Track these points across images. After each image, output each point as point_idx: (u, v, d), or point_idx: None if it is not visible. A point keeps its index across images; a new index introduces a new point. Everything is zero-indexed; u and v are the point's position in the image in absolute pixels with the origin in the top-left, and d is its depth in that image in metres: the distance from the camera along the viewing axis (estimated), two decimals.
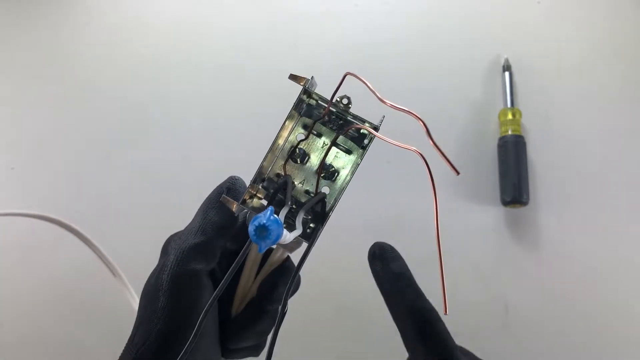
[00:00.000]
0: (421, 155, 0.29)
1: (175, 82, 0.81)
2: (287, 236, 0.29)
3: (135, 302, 0.59)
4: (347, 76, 0.32)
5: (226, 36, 0.83)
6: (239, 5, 0.84)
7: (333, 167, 0.36)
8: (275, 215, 0.27)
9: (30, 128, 0.80)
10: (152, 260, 0.38)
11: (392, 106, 0.31)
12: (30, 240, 0.74)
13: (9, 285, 0.73)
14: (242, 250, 0.32)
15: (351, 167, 0.36)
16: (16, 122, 0.81)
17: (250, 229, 0.26)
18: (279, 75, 0.81)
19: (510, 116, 0.73)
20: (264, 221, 0.26)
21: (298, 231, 0.32)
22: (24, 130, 0.80)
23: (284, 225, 0.33)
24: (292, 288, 0.36)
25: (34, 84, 0.83)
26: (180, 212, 0.41)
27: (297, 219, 0.33)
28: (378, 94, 0.31)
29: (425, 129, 0.29)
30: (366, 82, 0.30)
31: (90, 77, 0.82)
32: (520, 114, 0.74)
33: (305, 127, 0.35)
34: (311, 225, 0.35)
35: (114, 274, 0.60)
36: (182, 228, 0.38)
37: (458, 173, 0.29)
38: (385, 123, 0.34)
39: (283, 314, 0.32)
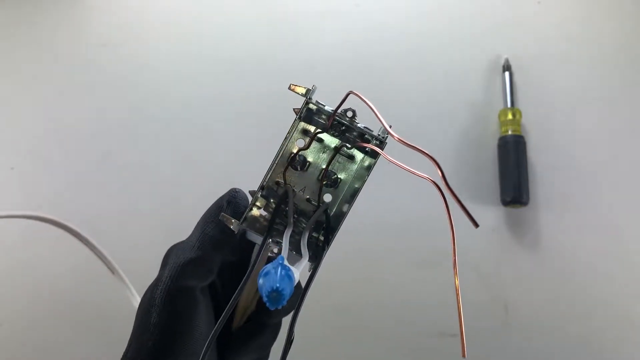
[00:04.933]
0: (436, 184, 0.28)
1: (175, 82, 0.81)
2: (296, 274, 0.28)
3: (136, 302, 0.59)
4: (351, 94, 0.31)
5: (226, 35, 0.83)
6: (239, 4, 0.84)
7: (335, 174, 0.35)
8: (286, 266, 0.27)
9: (30, 128, 0.80)
10: (152, 261, 0.38)
11: (400, 140, 0.29)
12: (29, 240, 0.74)
13: (8, 286, 0.73)
14: (243, 280, 0.32)
15: (356, 177, 0.35)
16: (16, 122, 0.81)
17: (263, 293, 0.26)
18: (279, 74, 0.81)
19: (510, 116, 0.73)
20: (277, 285, 0.25)
21: (304, 259, 0.32)
22: (24, 130, 0.80)
23: (289, 248, 0.32)
24: (289, 307, 0.36)
25: (34, 84, 0.82)
26: (180, 213, 0.41)
27: (301, 241, 0.32)
28: (385, 123, 0.30)
29: (440, 172, 0.27)
30: (371, 105, 0.29)
31: (90, 76, 0.82)
32: (520, 114, 0.74)
33: (304, 132, 0.34)
34: (314, 234, 0.35)
35: (113, 272, 0.60)
36: (181, 229, 0.38)
37: (477, 225, 0.27)
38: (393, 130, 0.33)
39: (290, 341, 0.32)
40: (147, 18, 0.85)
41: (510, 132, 0.73)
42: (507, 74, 0.76)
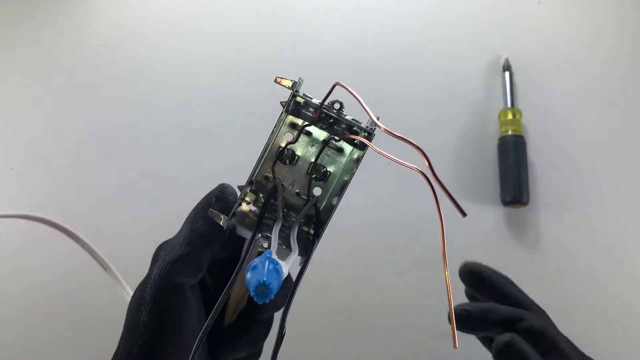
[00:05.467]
0: (423, 174, 0.27)
1: (175, 82, 0.81)
2: (285, 269, 0.28)
3: None
4: (337, 85, 0.31)
5: (226, 35, 0.83)
6: (239, 3, 0.84)
7: (324, 167, 0.35)
8: (274, 260, 0.26)
9: (30, 128, 0.81)
10: (149, 263, 0.38)
11: (386, 131, 0.28)
12: (27, 241, 0.74)
13: (7, 286, 0.73)
14: (233, 276, 0.31)
15: (345, 170, 0.35)
16: (16, 122, 0.81)
17: (250, 286, 0.26)
18: (279, 74, 0.81)
19: (510, 116, 0.73)
20: (265, 278, 0.25)
21: (294, 253, 0.32)
22: (24, 130, 0.81)
23: (279, 242, 0.32)
24: (280, 303, 0.35)
25: (34, 84, 0.83)
26: (180, 213, 0.41)
27: (291, 235, 0.32)
28: (371, 113, 0.29)
29: (427, 162, 0.27)
30: (358, 96, 0.29)
31: (90, 77, 0.82)
32: (520, 114, 0.74)
33: (292, 125, 0.34)
34: (304, 228, 0.35)
35: (105, 270, 0.60)
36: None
37: (465, 215, 0.27)
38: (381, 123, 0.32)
39: (281, 335, 0.32)
40: (147, 18, 0.85)
41: (510, 132, 0.73)
42: (507, 74, 0.76)
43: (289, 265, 0.30)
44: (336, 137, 0.34)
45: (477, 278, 0.49)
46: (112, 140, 0.79)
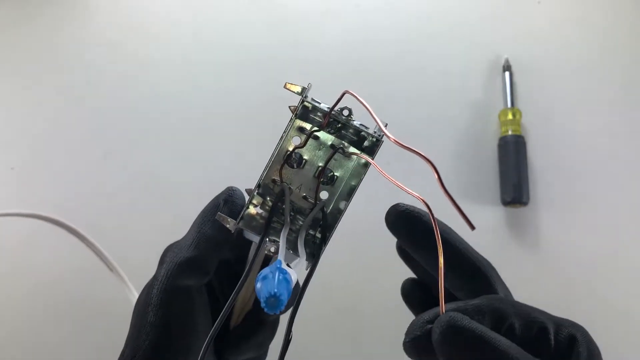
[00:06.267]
0: (425, 203, 0.27)
1: (175, 82, 0.81)
2: (294, 277, 0.29)
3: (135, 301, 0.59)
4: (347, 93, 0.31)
5: (226, 35, 0.83)
6: (239, 4, 0.84)
7: (331, 171, 0.35)
8: (284, 270, 0.27)
9: (30, 128, 0.80)
10: (152, 261, 0.38)
11: (395, 142, 0.28)
12: (29, 240, 0.74)
13: (12, 285, 0.73)
14: (240, 281, 0.31)
15: (352, 175, 0.35)
16: (16, 122, 0.81)
17: (261, 297, 0.26)
18: (279, 75, 0.81)
19: (510, 116, 0.73)
20: (275, 290, 0.26)
21: (302, 258, 0.32)
22: (24, 130, 0.80)
23: (286, 247, 0.32)
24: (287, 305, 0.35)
25: (34, 84, 0.83)
26: (180, 213, 0.41)
27: (298, 240, 0.32)
28: (380, 123, 0.29)
29: (436, 175, 0.27)
30: (367, 105, 0.29)
31: (90, 77, 0.82)
32: (520, 114, 0.74)
33: (300, 129, 0.34)
34: (311, 232, 0.35)
35: (111, 270, 0.60)
36: (181, 229, 0.37)
37: (473, 228, 0.27)
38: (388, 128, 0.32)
39: (288, 341, 0.32)
40: (147, 18, 0.85)
41: (510, 132, 0.73)
42: (507, 74, 0.76)
43: (297, 271, 0.31)
44: (344, 146, 0.34)
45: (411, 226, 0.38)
46: (112, 140, 0.79)
